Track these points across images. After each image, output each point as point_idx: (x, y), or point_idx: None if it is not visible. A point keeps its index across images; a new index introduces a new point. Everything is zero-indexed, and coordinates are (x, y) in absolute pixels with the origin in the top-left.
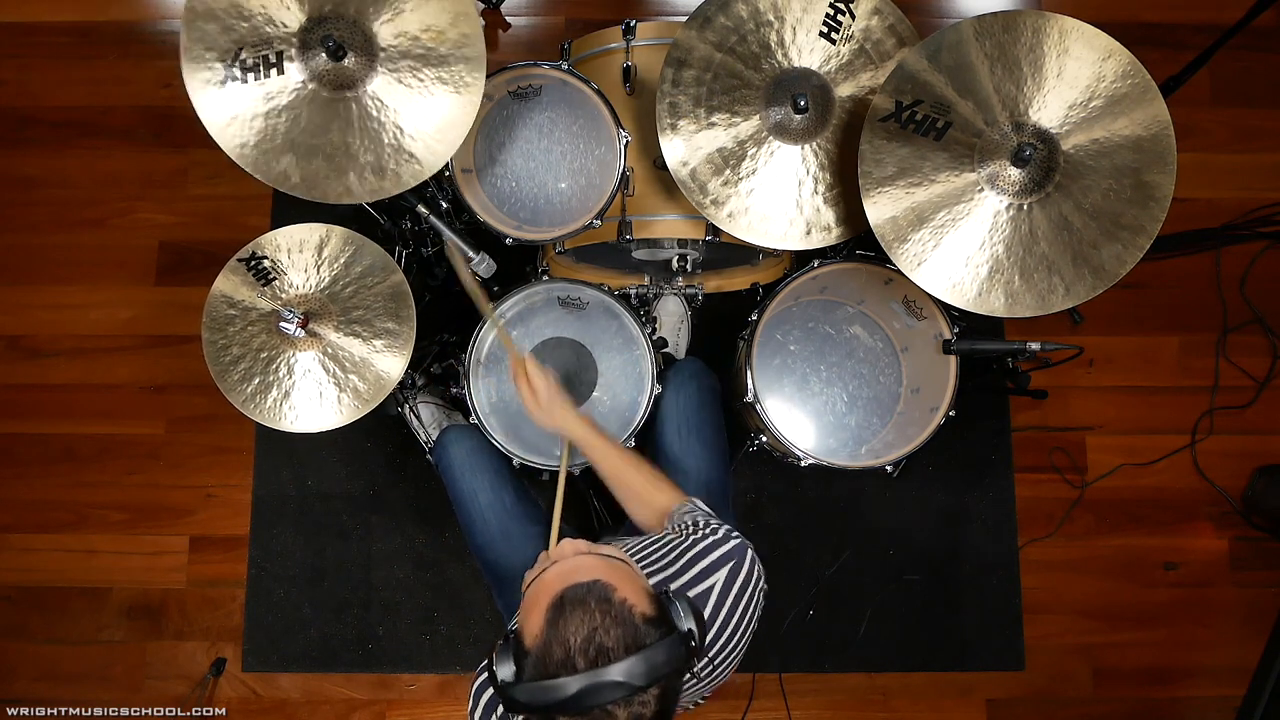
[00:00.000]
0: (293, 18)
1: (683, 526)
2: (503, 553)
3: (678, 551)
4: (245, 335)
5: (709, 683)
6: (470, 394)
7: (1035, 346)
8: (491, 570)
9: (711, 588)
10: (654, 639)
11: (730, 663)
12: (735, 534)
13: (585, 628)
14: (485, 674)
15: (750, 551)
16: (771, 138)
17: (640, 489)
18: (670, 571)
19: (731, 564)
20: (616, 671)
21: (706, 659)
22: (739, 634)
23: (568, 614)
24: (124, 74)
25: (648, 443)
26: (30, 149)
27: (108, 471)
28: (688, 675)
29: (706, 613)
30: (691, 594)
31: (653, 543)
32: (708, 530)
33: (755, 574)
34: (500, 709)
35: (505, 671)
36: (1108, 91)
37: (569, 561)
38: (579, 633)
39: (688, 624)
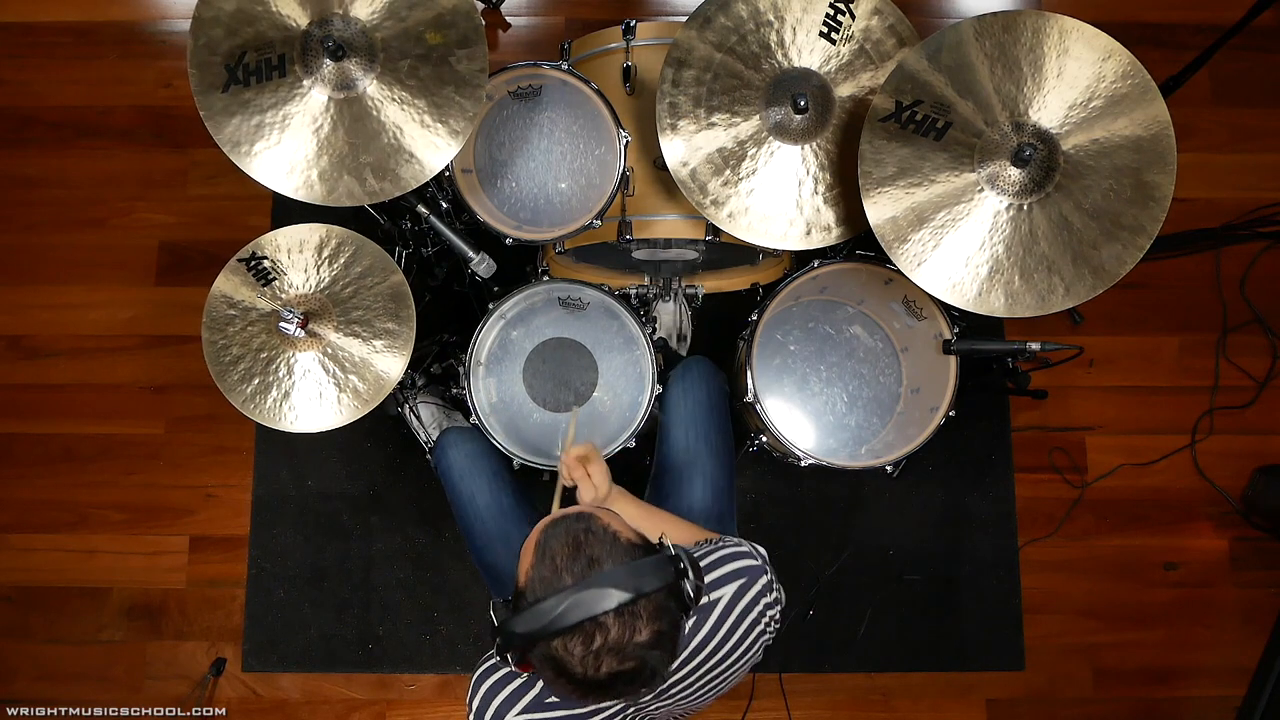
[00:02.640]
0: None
1: (707, 540)
2: (501, 555)
3: (697, 554)
4: (245, 335)
5: (706, 694)
6: (470, 394)
7: (1035, 346)
8: (490, 572)
9: (717, 600)
10: (640, 556)
11: (727, 677)
12: (755, 555)
13: (570, 545)
14: (488, 663)
15: (765, 577)
16: (771, 138)
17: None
18: None
19: (743, 580)
20: (603, 580)
21: (702, 670)
22: (739, 651)
23: (553, 539)
24: (124, 74)
25: (653, 444)
26: (30, 149)
27: (108, 471)
28: (693, 665)
29: (708, 626)
30: (699, 603)
31: None
32: (729, 540)
33: (767, 597)
34: (501, 696)
35: (502, 616)
36: (1108, 91)
37: (553, 514)
38: (564, 550)
39: (675, 551)
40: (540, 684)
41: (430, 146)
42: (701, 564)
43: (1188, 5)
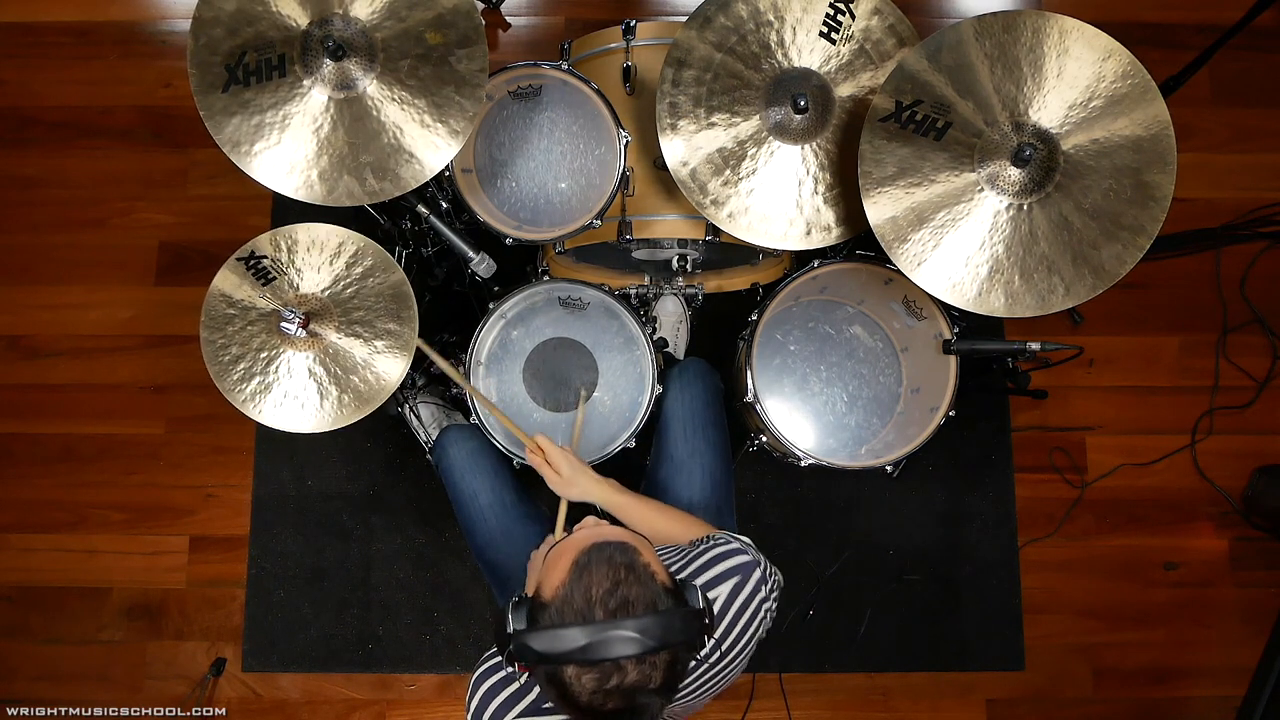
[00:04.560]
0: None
1: (700, 540)
2: (504, 552)
3: (688, 557)
4: (245, 335)
5: (705, 692)
6: (470, 394)
7: (1035, 346)
8: (492, 570)
9: (713, 600)
10: (671, 606)
11: (726, 675)
12: (749, 550)
13: (609, 580)
14: (487, 664)
15: (759, 572)
16: (771, 138)
17: (673, 536)
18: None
19: (737, 578)
20: (633, 626)
21: (701, 671)
22: (736, 648)
23: (594, 567)
24: (124, 74)
25: (651, 444)
26: (30, 149)
27: (108, 471)
28: (692, 666)
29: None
30: None
31: (664, 550)
32: (720, 540)
33: (762, 593)
34: (500, 697)
35: (519, 623)
36: (1108, 91)
37: (596, 528)
38: (603, 584)
39: (700, 605)
40: (539, 687)
41: (430, 146)
42: (696, 564)
43: (1188, 5)
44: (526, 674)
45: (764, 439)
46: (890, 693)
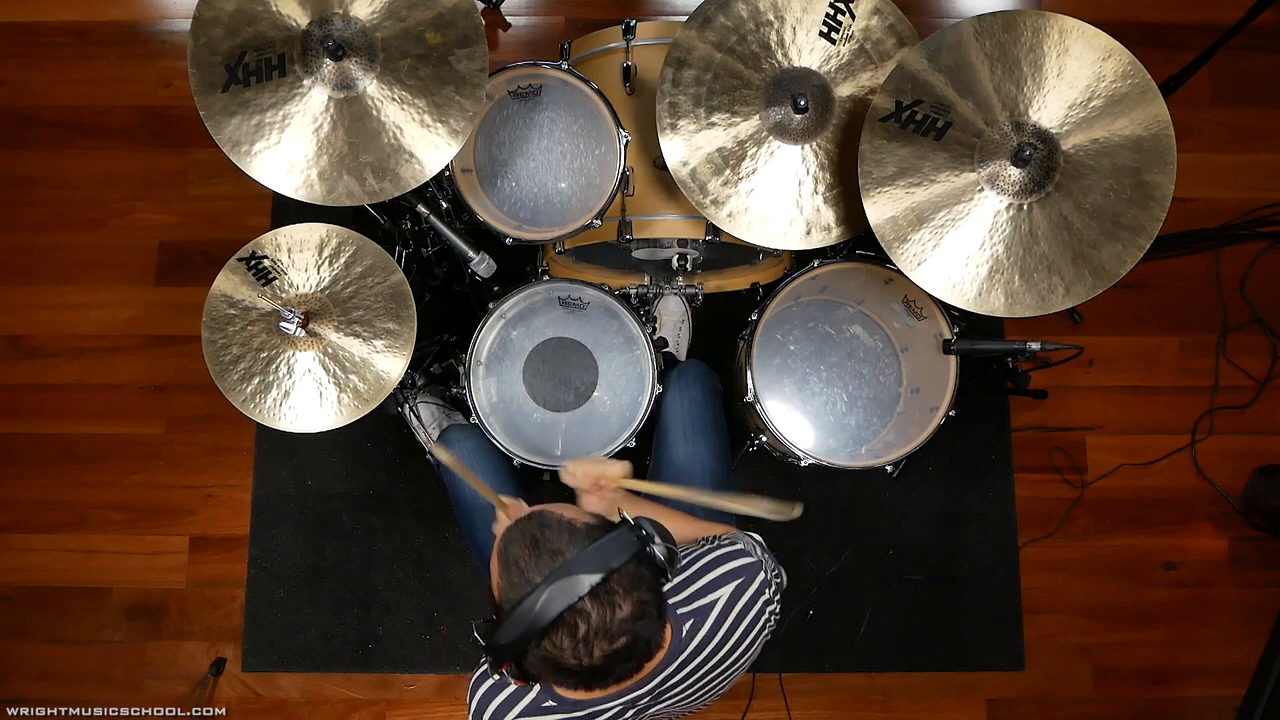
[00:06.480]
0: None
1: (703, 540)
2: None
3: (688, 559)
4: (245, 335)
5: (708, 692)
6: (470, 394)
7: (1035, 346)
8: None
9: (715, 602)
10: (600, 535)
11: (728, 675)
12: (754, 551)
13: (530, 547)
14: (483, 666)
15: (762, 574)
16: (771, 137)
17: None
18: (677, 581)
19: (740, 580)
20: (571, 567)
21: (703, 671)
22: (738, 651)
23: (514, 544)
24: (124, 74)
25: (651, 445)
26: (30, 149)
27: (108, 471)
28: (691, 664)
29: (706, 626)
30: (695, 605)
31: None
32: (725, 540)
33: (766, 595)
34: (499, 698)
35: (486, 634)
36: (1108, 91)
37: (511, 516)
38: (525, 551)
39: (635, 522)
40: (537, 686)
41: (430, 146)
42: (697, 565)
43: (1188, 5)
44: (528, 683)
45: (764, 439)
46: (890, 693)
